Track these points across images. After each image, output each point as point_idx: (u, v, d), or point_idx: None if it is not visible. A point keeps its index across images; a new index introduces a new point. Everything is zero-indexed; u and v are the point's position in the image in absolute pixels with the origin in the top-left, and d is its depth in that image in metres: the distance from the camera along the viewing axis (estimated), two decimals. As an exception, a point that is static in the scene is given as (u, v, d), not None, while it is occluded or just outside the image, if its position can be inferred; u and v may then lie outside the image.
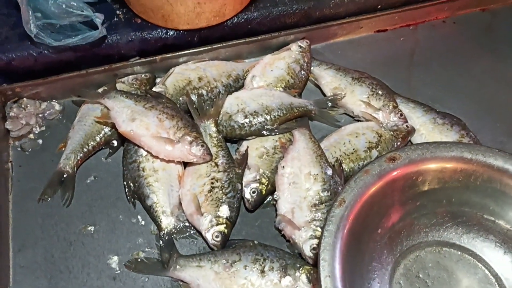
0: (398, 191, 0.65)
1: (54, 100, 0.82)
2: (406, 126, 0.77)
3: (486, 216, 0.67)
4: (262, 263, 0.62)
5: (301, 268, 0.61)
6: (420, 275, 0.66)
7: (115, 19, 0.85)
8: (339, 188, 0.70)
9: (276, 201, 0.70)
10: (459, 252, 0.67)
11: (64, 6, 0.77)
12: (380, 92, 0.80)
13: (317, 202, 0.66)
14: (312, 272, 0.60)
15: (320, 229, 0.65)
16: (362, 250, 0.65)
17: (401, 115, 0.78)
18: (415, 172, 0.65)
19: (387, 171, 0.63)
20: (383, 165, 0.64)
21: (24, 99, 0.81)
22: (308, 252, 0.63)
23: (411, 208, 0.67)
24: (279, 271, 0.61)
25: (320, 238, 0.61)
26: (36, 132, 0.78)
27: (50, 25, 0.77)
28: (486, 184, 0.64)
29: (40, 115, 0.81)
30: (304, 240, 0.64)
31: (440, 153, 0.65)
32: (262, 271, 0.61)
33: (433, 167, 0.65)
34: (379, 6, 0.90)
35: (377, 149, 0.74)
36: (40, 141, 0.78)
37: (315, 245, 0.63)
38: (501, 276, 0.66)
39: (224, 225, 0.66)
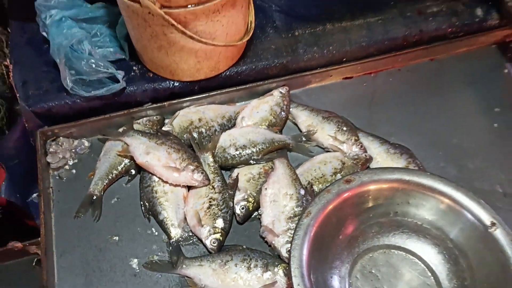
0: (353, 206, 0.78)
1: (84, 138, 0.95)
2: (365, 155, 0.92)
3: (424, 225, 0.79)
4: (249, 262, 0.77)
5: (278, 265, 0.77)
6: (373, 271, 0.80)
7: (132, 73, 0.97)
8: (310, 205, 0.86)
9: (260, 215, 0.84)
10: (404, 253, 0.80)
11: (93, 65, 0.90)
12: (345, 128, 0.95)
13: (292, 215, 0.81)
14: (287, 268, 0.76)
15: (294, 236, 0.81)
16: (326, 250, 0.77)
17: (361, 146, 0.93)
18: (366, 191, 0.78)
19: (344, 190, 0.76)
20: (341, 186, 0.77)
21: (61, 138, 0.93)
22: (284, 254, 0.78)
23: (365, 219, 0.80)
24: (262, 267, 0.76)
25: (291, 241, 0.78)
26: (70, 164, 0.92)
27: (82, 80, 0.91)
28: (421, 200, 0.78)
29: (73, 151, 0.93)
30: (282, 245, 0.79)
31: (385, 176, 0.79)
32: (249, 268, 0.76)
33: (380, 187, 0.78)
34: (344, 59, 1.03)
35: (341, 174, 0.88)
36: (74, 171, 0.91)
37: (289, 248, 0.79)
38: (435, 270, 0.80)
39: (220, 234, 0.81)
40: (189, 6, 0.77)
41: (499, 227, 0.73)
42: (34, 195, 0.97)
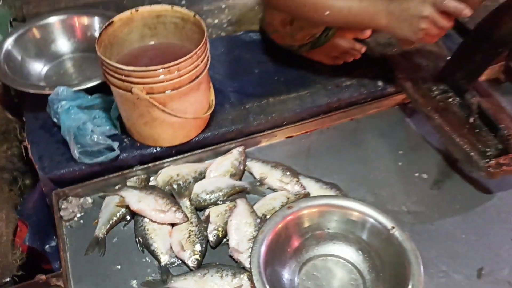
0: (295, 226, 0.99)
1: (88, 196, 1.12)
2: (304, 191, 1.13)
3: (348, 235, 1.02)
4: (221, 272, 0.97)
5: (244, 273, 0.97)
6: (315, 273, 0.99)
7: (124, 144, 1.18)
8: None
9: (228, 240, 1.04)
10: (336, 258, 1.02)
11: (95, 140, 1.11)
12: (288, 173, 1.15)
13: (251, 237, 1.01)
14: (250, 274, 0.98)
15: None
16: (277, 260, 0.96)
17: (301, 185, 1.13)
18: (303, 214, 1.00)
19: (287, 214, 0.99)
20: (285, 211, 1.00)
21: (70, 197, 1.10)
22: (247, 265, 0.98)
23: (305, 234, 1.00)
24: (231, 275, 0.96)
25: (251, 252, 1.02)
26: (78, 216, 1.09)
27: (86, 151, 1.12)
28: (343, 217, 1.01)
29: (80, 206, 1.10)
30: (245, 259, 0.99)
31: (316, 202, 1.03)
32: (221, 277, 0.96)
33: (312, 211, 1.01)
34: (285, 123, 1.28)
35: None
36: (81, 221, 1.09)
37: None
38: (359, 267, 0.99)
39: (198, 255, 0.99)
40: (167, 91, 1.06)
41: (398, 230, 1.00)
42: (47, 246, 1.19)
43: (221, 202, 1.11)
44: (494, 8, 1.11)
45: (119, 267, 1.04)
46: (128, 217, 1.11)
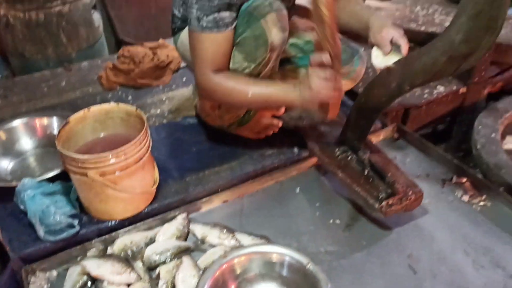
0: (230, 272, 1.19)
1: (53, 269, 1.27)
2: (239, 244, 1.37)
3: (274, 274, 1.23)
4: None
5: None
6: None
7: (83, 221, 1.35)
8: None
9: None
10: None
11: (57, 220, 1.30)
12: (225, 231, 1.34)
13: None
14: None
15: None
16: None
17: (236, 239, 1.36)
18: (234, 262, 1.20)
19: (222, 263, 1.20)
20: (220, 260, 1.24)
21: (37, 271, 1.25)
22: None
23: (239, 278, 1.20)
24: None
25: None
26: (46, 287, 1.30)
27: (50, 231, 1.28)
28: (266, 260, 1.24)
29: (47, 279, 1.24)
30: None
31: (244, 251, 1.23)
32: None
33: (242, 259, 1.21)
34: (220, 189, 1.50)
35: (225, 257, 1.40)
36: None
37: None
38: None
39: None
40: (117, 172, 1.32)
41: (312, 264, 1.24)
42: (19, 317, 1.35)
43: (169, 261, 1.30)
44: (367, 84, 1.46)
45: (90, 313, 1.22)
46: (89, 283, 1.26)
